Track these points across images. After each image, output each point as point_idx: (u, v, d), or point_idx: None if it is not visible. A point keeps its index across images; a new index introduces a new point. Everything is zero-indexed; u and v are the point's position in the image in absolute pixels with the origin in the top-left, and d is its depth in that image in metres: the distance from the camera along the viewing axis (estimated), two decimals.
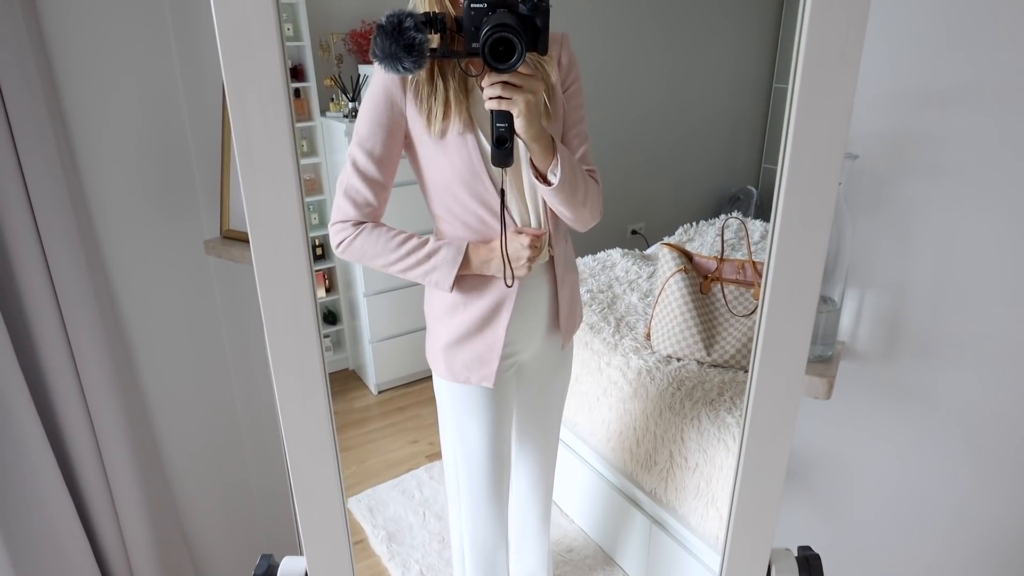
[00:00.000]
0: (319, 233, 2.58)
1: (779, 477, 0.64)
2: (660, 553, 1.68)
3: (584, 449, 1.86)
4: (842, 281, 0.89)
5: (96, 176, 1.26)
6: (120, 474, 1.29)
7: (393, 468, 2.23)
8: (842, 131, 0.62)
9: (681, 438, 1.57)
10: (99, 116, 1.23)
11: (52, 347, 1.18)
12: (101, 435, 1.26)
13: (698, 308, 1.70)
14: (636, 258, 2.25)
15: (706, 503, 1.53)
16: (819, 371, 0.86)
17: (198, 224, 1.42)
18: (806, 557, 0.69)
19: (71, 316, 1.18)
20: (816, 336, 0.89)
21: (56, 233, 1.13)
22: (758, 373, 0.62)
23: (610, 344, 1.78)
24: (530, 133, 0.98)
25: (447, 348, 1.23)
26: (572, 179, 1.06)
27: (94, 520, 1.31)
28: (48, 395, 1.20)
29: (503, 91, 0.92)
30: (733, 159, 3.28)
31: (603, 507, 1.85)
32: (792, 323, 0.64)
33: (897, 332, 0.93)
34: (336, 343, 2.81)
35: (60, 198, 1.13)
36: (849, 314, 0.94)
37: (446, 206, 1.14)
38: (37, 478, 1.19)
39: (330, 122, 2.40)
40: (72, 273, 1.16)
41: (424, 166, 1.13)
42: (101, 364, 1.23)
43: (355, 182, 1.12)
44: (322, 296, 2.66)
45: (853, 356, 0.96)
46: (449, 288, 1.13)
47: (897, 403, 0.97)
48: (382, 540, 1.93)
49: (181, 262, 1.40)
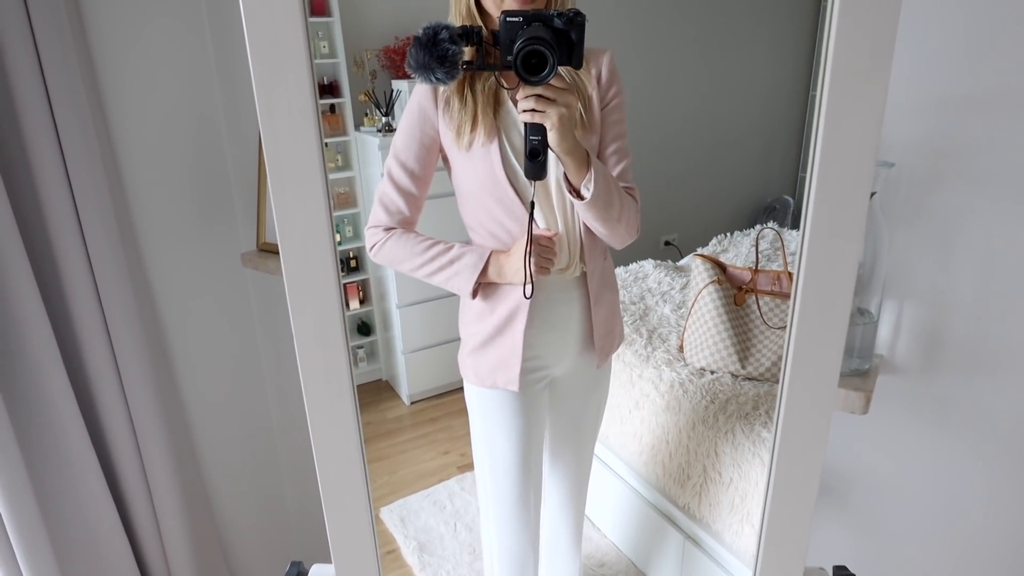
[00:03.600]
0: (354, 245, 2.63)
1: (811, 493, 0.62)
2: (694, 570, 1.64)
3: (616, 462, 1.84)
4: (879, 292, 0.86)
5: (139, 190, 1.30)
6: (160, 480, 1.33)
7: (425, 479, 2.24)
8: (873, 138, 0.61)
9: (715, 452, 1.54)
10: (141, 131, 1.28)
11: (97, 356, 1.22)
12: (143, 441, 1.30)
13: (732, 320, 1.66)
14: (669, 269, 2.23)
15: (741, 519, 1.49)
16: (855, 385, 0.84)
17: (235, 236, 1.46)
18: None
19: (115, 326, 1.22)
20: (852, 349, 0.86)
21: (101, 245, 1.18)
22: (788, 387, 0.61)
23: (642, 356, 1.76)
24: (563, 146, 0.98)
25: (473, 352, 1.24)
26: (607, 194, 1.06)
27: (135, 524, 1.35)
28: (93, 403, 1.25)
29: (536, 104, 0.93)
30: (769, 168, 3.23)
31: (636, 522, 1.83)
32: (823, 336, 0.62)
33: (938, 344, 0.89)
34: (370, 354, 2.84)
35: (105, 211, 1.18)
36: (887, 326, 0.91)
37: (475, 216, 1.16)
38: (82, 484, 1.23)
39: (364, 136, 2.45)
40: (115, 284, 1.21)
41: (455, 177, 1.15)
42: (143, 372, 1.27)
43: (390, 191, 1.15)
44: (356, 308, 2.70)
45: (892, 370, 0.93)
46: (470, 293, 1.15)
47: (938, 418, 0.93)
48: (413, 551, 1.94)
49: (219, 274, 1.44)
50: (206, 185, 1.39)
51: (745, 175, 3.18)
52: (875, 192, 0.83)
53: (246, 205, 1.45)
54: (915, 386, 0.93)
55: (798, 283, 0.63)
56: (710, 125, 3.02)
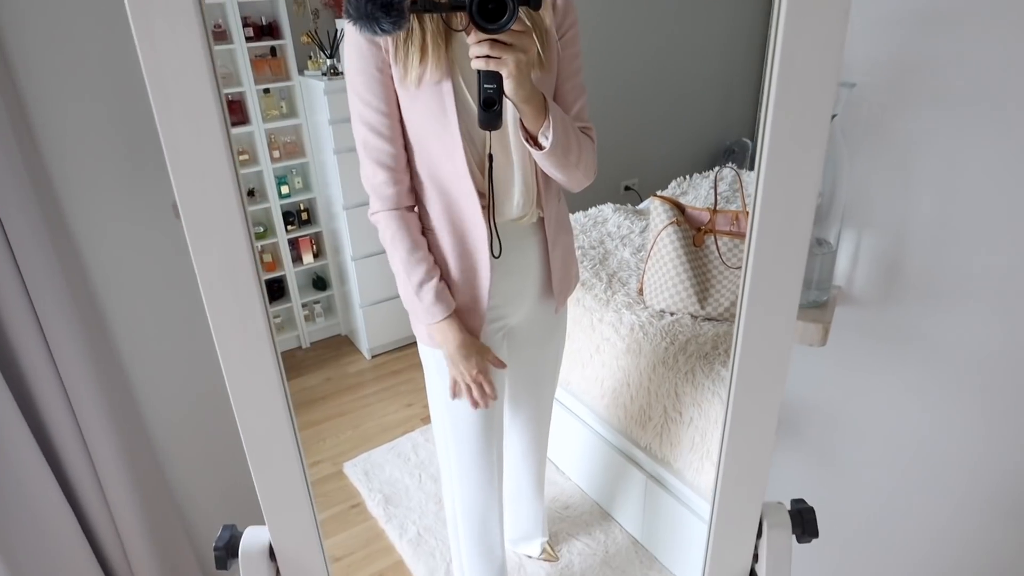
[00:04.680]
0: (304, 197, 2.52)
1: (770, 427, 0.60)
2: (657, 508, 1.67)
3: (578, 407, 1.84)
4: (838, 222, 0.84)
5: (51, 140, 1.19)
6: (103, 450, 1.27)
7: (388, 432, 2.22)
8: (835, 55, 0.57)
9: (675, 393, 1.54)
10: (49, 71, 1.16)
11: (20, 323, 1.13)
12: (80, 411, 1.23)
13: (691, 261, 1.65)
14: (628, 213, 2.20)
15: (701, 457, 1.51)
16: (813, 317, 0.82)
17: (165, 185, 1.37)
18: (799, 510, 0.66)
19: (36, 286, 1.13)
20: (811, 281, 0.85)
21: (10, 198, 1.07)
22: (746, 315, 0.58)
23: (602, 300, 1.74)
24: (520, 94, 0.90)
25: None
26: (565, 141, 0.99)
27: (79, 495, 1.29)
28: (22, 375, 1.17)
29: (491, 50, 0.83)
30: (728, 111, 3.20)
31: (599, 464, 1.84)
32: (782, 266, 0.59)
33: (896, 274, 0.88)
34: (327, 309, 2.77)
35: (13, 161, 1.07)
36: (845, 257, 0.89)
37: (425, 167, 1.07)
38: (19, 463, 1.16)
39: (309, 81, 2.32)
40: (33, 243, 1.11)
41: (405, 119, 1.04)
42: (73, 335, 1.19)
43: (371, 138, 1.03)
44: (310, 262, 2.61)
45: (849, 301, 0.92)
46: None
47: (896, 348, 0.93)
48: (379, 503, 1.93)
49: (150, 225, 1.35)
50: (128, 130, 1.28)
51: (704, 118, 3.15)
52: (836, 115, 0.79)
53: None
54: (873, 317, 0.92)
55: (755, 210, 0.60)
56: (669, 70, 2.96)
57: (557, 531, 1.81)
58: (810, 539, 0.65)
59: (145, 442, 1.38)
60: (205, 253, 0.49)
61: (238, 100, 2.24)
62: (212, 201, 0.48)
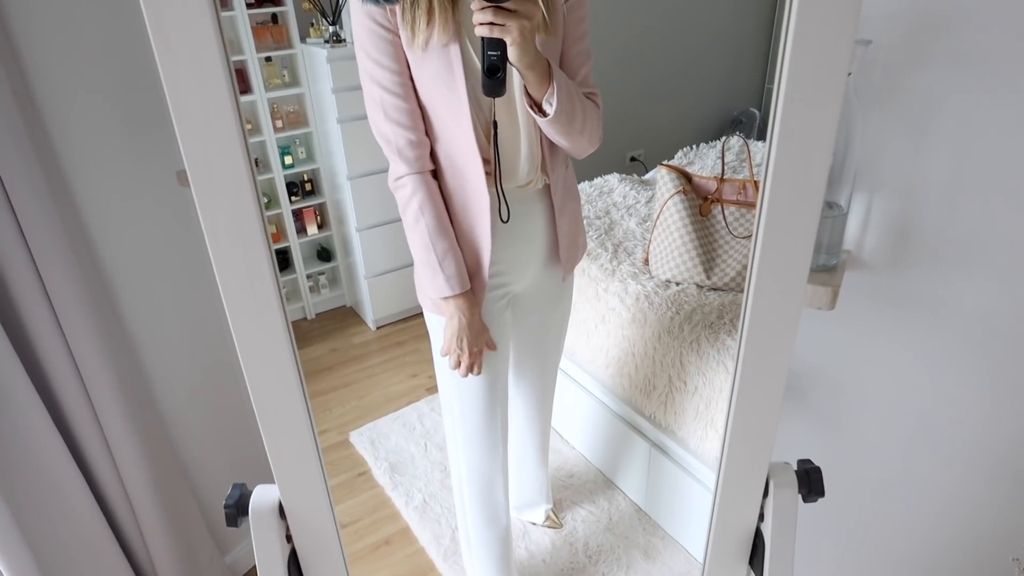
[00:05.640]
0: (308, 168, 2.51)
1: (779, 386, 0.60)
2: (660, 476, 1.69)
3: (583, 376, 1.85)
4: (850, 184, 0.83)
5: (56, 109, 1.18)
6: (108, 408, 1.27)
7: (393, 402, 2.23)
8: (853, 10, 0.55)
9: (680, 362, 1.55)
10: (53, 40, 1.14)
11: (26, 292, 1.13)
12: (86, 373, 1.24)
13: (697, 231, 1.64)
14: (634, 183, 2.18)
15: (705, 425, 1.52)
16: (823, 280, 0.81)
17: (170, 154, 1.35)
18: (806, 470, 0.66)
19: (41, 255, 1.12)
20: (821, 245, 0.84)
21: (15, 168, 1.07)
22: (757, 274, 0.57)
23: (607, 270, 1.74)
24: (524, 61, 0.89)
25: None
26: (569, 108, 0.98)
27: (89, 461, 1.30)
28: (29, 339, 1.17)
29: (495, 17, 0.82)
30: (735, 81, 3.15)
31: (603, 433, 1.86)
32: (795, 219, 0.59)
33: (907, 239, 0.87)
34: (332, 280, 2.77)
35: (16, 131, 1.06)
36: (856, 221, 0.88)
37: (432, 132, 1.05)
38: (26, 424, 1.17)
39: (311, 49, 2.28)
40: (39, 212, 1.11)
41: (416, 82, 1.02)
42: (80, 306, 1.19)
43: (386, 97, 1.00)
44: (314, 233, 2.60)
45: (859, 266, 0.91)
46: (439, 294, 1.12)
47: (906, 314, 0.92)
48: (385, 471, 1.95)
49: (155, 195, 1.34)
50: (133, 99, 1.27)
51: (711, 89, 3.11)
52: (851, 73, 0.78)
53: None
54: (882, 282, 0.92)
55: (768, 170, 0.59)
56: (676, 40, 2.91)
57: (561, 499, 1.83)
58: (816, 498, 0.66)
59: (151, 404, 1.40)
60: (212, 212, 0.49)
61: (240, 68, 2.21)
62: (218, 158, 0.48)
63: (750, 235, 1.59)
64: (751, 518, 0.66)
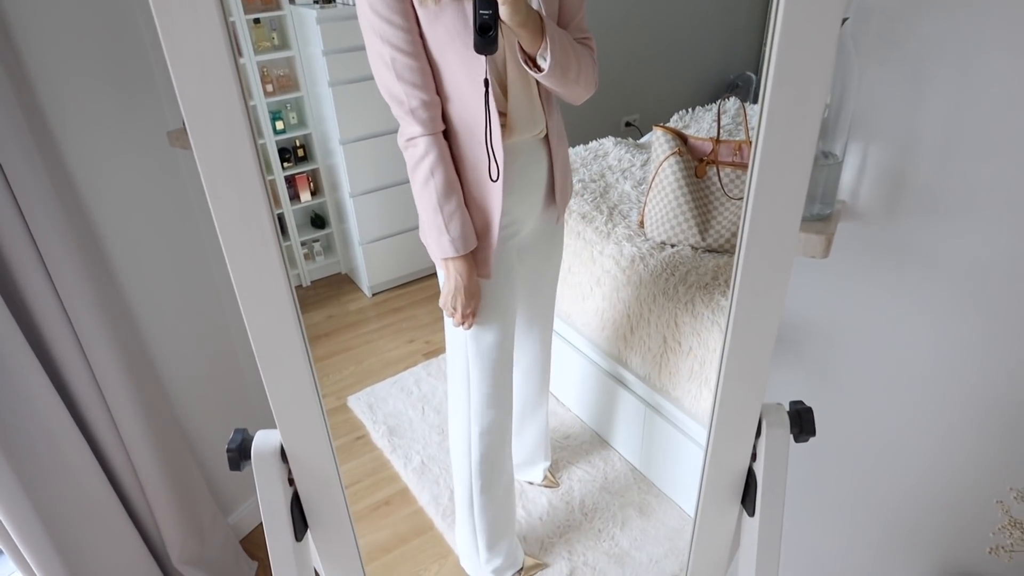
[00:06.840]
0: (299, 133, 2.48)
1: (772, 325, 0.61)
2: (654, 435, 1.71)
3: (578, 339, 1.86)
4: (845, 133, 0.83)
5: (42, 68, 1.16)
6: (105, 364, 1.28)
7: (391, 367, 2.25)
8: None
9: (675, 323, 1.56)
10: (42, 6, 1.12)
11: (22, 252, 1.13)
12: (83, 336, 1.24)
13: (692, 192, 1.64)
14: (629, 147, 2.17)
15: (699, 385, 1.54)
16: (817, 229, 0.82)
17: (160, 114, 1.34)
18: (798, 411, 0.68)
19: (36, 223, 1.12)
20: (815, 194, 0.84)
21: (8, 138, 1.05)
22: (751, 214, 0.58)
23: (603, 233, 1.74)
24: (516, 19, 0.89)
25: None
26: (564, 61, 0.99)
27: (88, 421, 1.31)
28: (26, 304, 1.17)
29: None
30: (732, 45, 3.11)
31: (598, 394, 1.88)
32: (788, 165, 0.59)
33: (901, 188, 0.87)
34: (327, 247, 2.76)
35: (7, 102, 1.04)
36: (851, 170, 0.88)
37: (444, 89, 1.05)
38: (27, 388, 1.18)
39: (300, 10, 2.24)
40: (29, 175, 1.10)
41: (426, 38, 1.01)
42: (75, 270, 1.19)
43: (394, 54, 0.99)
44: (308, 199, 2.58)
45: (853, 216, 0.92)
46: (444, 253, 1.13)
47: (899, 264, 0.93)
48: (383, 435, 1.97)
49: (147, 155, 1.33)
50: (121, 58, 1.25)
51: (707, 53, 3.07)
52: (847, 18, 0.77)
53: (168, 79, 1.31)
54: (876, 232, 0.92)
55: (762, 118, 0.59)
56: (672, 3, 2.86)
57: (558, 459, 1.86)
58: (807, 438, 0.67)
59: (150, 368, 1.40)
60: (207, 148, 0.49)
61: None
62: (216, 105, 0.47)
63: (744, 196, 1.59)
64: (744, 457, 0.68)
